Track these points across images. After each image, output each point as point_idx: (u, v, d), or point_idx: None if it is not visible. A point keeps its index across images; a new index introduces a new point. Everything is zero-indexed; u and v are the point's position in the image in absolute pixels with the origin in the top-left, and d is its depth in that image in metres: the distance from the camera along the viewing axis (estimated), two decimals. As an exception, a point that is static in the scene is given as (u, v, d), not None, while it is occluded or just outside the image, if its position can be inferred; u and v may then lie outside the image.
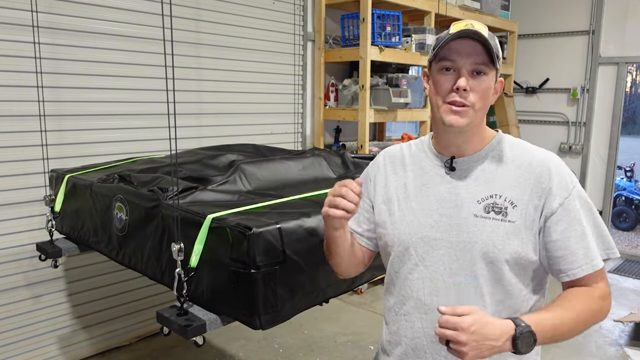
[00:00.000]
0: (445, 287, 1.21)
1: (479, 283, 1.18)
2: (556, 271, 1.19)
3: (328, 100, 4.35)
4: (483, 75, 1.16)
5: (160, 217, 1.78)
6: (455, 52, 1.15)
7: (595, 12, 5.32)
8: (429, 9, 4.41)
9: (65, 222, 2.41)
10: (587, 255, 1.16)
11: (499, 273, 1.17)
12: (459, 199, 1.21)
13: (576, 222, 1.17)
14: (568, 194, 1.17)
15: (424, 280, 1.24)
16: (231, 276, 1.51)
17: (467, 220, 1.19)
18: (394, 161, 1.36)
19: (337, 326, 3.72)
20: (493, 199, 1.18)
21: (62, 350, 3.09)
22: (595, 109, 5.45)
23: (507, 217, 1.17)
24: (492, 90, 1.20)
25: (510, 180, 1.19)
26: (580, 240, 1.17)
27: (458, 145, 1.23)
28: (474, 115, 1.18)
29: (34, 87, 2.66)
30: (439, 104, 1.19)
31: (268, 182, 2.11)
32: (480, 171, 1.22)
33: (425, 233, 1.23)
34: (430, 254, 1.22)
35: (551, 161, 1.20)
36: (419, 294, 1.25)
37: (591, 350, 3.43)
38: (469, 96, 1.15)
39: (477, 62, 1.15)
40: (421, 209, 1.25)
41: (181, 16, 3.37)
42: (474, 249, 1.18)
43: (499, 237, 1.16)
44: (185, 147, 2.96)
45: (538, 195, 1.17)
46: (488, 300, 1.19)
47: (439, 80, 1.18)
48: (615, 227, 7.18)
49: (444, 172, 1.25)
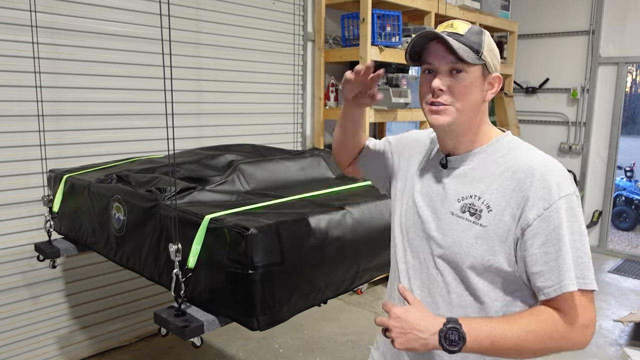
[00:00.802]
0: (419, 274, 1.26)
1: (446, 279, 1.20)
2: (534, 288, 1.11)
3: (328, 100, 4.35)
4: (463, 72, 1.15)
5: (158, 218, 1.78)
6: (432, 55, 1.17)
7: (595, 12, 5.31)
8: (429, 9, 4.41)
9: (63, 223, 2.41)
10: (559, 275, 1.06)
11: (464, 275, 1.17)
12: (444, 195, 1.23)
13: (555, 237, 1.07)
14: (549, 205, 1.07)
15: (407, 263, 1.29)
16: (229, 277, 1.51)
17: (445, 216, 1.21)
18: (424, 144, 1.39)
19: (337, 326, 3.72)
20: (472, 199, 1.17)
21: (62, 350, 3.09)
22: (595, 109, 5.44)
23: (479, 220, 1.14)
24: (477, 87, 1.17)
25: (494, 184, 1.15)
26: (556, 257, 1.07)
27: (450, 144, 1.25)
28: (457, 114, 1.16)
29: (33, 87, 2.66)
30: (422, 105, 1.22)
31: (266, 183, 2.11)
32: (467, 170, 1.22)
33: (414, 220, 1.28)
34: (413, 241, 1.28)
35: (539, 168, 1.11)
36: (402, 275, 1.31)
37: (591, 350, 3.42)
38: (444, 96, 1.16)
39: (452, 61, 1.15)
40: (416, 196, 1.29)
41: (181, 16, 3.37)
42: (444, 246, 1.19)
43: (467, 238, 1.15)
44: (185, 147, 2.96)
45: (517, 203, 1.10)
46: (454, 298, 1.19)
47: (421, 83, 1.22)
48: (615, 227, 7.17)
49: (439, 168, 1.27)
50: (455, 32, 1.15)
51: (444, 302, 1.20)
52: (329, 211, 1.73)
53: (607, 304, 4.20)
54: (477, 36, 1.16)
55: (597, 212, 5.54)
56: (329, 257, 1.70)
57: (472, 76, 1.16)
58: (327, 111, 4.35)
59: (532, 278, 1.10)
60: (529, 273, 1.10)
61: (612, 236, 6.37)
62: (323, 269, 1.68)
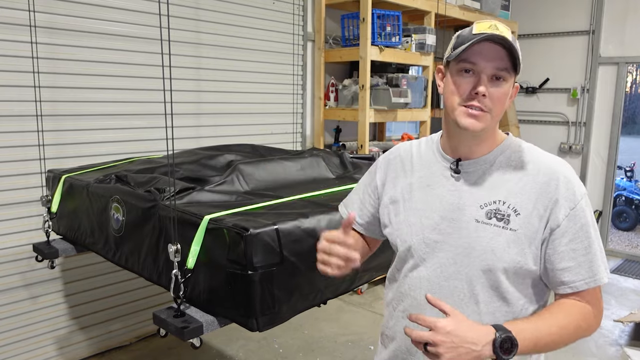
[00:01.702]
0: (440, 289, 1.20)
1: (474, 289, 1.17)
2: (557, 283, 1.16)
3: (328, 100, 4.34)
4: (503, 81, 1.13)
5: (157, 218, 1.77)
6: (478, 55, 1.11)
7: (595, 12, 5.31)
8: (429, 9, 4.40)
9: (62, 223, 2.40)
10: (591, 269, 1.13)
11: (496, 281, 1.15)
12: (462, 202, 1.19)
13: (582, 234, 1.13)
14: (574, 205, 1.13)
15: (421, 280, 1.23)
16: (228, 277, 1.50)
17: (469, 224, 1.17)
18: (404, 160, 1.34)
19: (337, 326, 3.71)
20: (496, 205, 1.15)
21: (61, 350, 3.08)
22: (595, 109, 5.44)
23: (509, 225, 1.14)
24: (509, 95, 1.16)
25: (515, 187, 1.16)
26: (586, 253, 1.13)
27: (468, 147, 1.21)
28: (490, 121, 1.14)
29: (32, 87, 2.65)
30: (455, 106, 1.15)
31: (266, 183, 2.11)
32: (486, 175, 1.19)
33: (427, 234, 1.22)
34: (430, 256, 1.21)
35: (560, 170, 1.16)
36: (415, 293, 1.24)
37: (591, 350, 3.42)
38: (485, 101, 1.12)
39: (499, 68, 1.11)
40: (424, 210, 1.24)
41: (181, 16, 3.36)
42: (472, 255, 1.16)
43: (498, 244, 1.14)
44: (184, 148, 2.95)
45: (544, 205, 1.13)
46: (483, 307, 1.17)
47: (457, 82, 1.14)
48: (615, 227, 7.16)
49: (449, 174, 1.23)
50: (504, 36, 1.10)
51: (473, 313, 1.17)
52: (328, 211, 1.72)
53: (607, 304, 4.19)
54: (517, 45, 1.14)
55: (597, 212, 5.54)
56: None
57: (509, 84, 1.15)
58: (327, 111, 4.34)
59: (557, 274, 1.14)
60: (555, 269, 1.14)
61: (612, 236, 6.37)
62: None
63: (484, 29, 1.12)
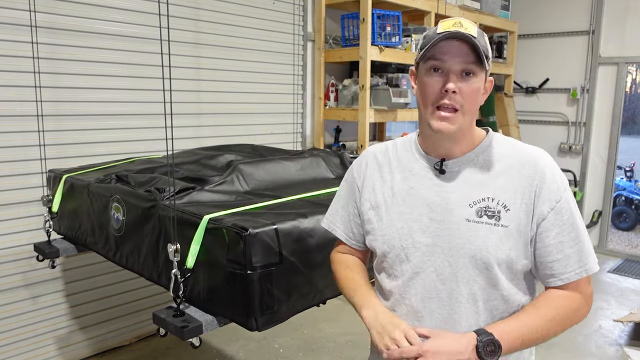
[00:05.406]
0: (437, 293, 1.18)
1: (472, 289, 1.16)
2: (546, 275, 1.17)
3: (328, 100, 4.35)
4: (472, 76, 1.12)
5: (157, 218, 1.77)
6: (443, 53, 1.11)
7: (595, 12, 5.31)
8: (429, 9, 4.40)
9: (62, 223, 2.41)
10: (580, 260, 1.14)
11: (494, 279, 1.15)
12: (449, 202, 1.17)
13: (569, 226, 1.14)
14: (560, 198, 1.14)
15: (416, 287, 1.20)
16: (227, 277, 1.50)
17: (459, 225, 1.15)
18: (380, 163, 1.30)
19: (337, 326, 3.72)
20: (486, 202, 1.15)
21: (61, 350, 3.09)
22: (595, 109, 5.44)
23: (500, 222, 1.13)
24: (481, 91, 1.16)
25: (502, 183, 1.15)
26: (574, 244, 1.14)
27: (446, 148, 1.20)
28: (463, 119, 1.14)
29: (32, 87, 2.66)
30: (427, 107, 1.15)
31: (266, 183, 2.11)
32: (471, 173, 1.18)
33: (417, 238, 1.19)
34: (422, 260, 1.18)
35: (543, 163, 1.16)
36: (411, 300, 1.21)
37: (591, 350, 3.42)
38: (458, 98, 1.11)
39: (467, 62, 1.11)
40: (410, 214, 1.20)
41: (180, 16, 3.36)
42: (468, 255, 1.14)
43: (492, 242, 1.13)
44: (184, 148, 2.96)
45: (530, 199, 1.14)
46: (481, 306, 1.16)
47: (427, 83, 1.14)
48: (615, 227, 7.16)
49: (432, 175, 1.20)
50: (470, 33, 1.10)
51: (471, 313, 1.16)
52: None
53: (607, 304, 4.20)
54: (484, 39, 1.15)
55: (597, 212, 5.53)
56: (328, 257, 1.69)
57: (479, 80, 1.14)
58: (327, 111, 4.35)
59: (546, 266, 1.15)
60: (544, 262, 1.15)
61: (612, 236, 6.36)
62: (322, 269, 1.67)
63: (448, 27, 1.12)
